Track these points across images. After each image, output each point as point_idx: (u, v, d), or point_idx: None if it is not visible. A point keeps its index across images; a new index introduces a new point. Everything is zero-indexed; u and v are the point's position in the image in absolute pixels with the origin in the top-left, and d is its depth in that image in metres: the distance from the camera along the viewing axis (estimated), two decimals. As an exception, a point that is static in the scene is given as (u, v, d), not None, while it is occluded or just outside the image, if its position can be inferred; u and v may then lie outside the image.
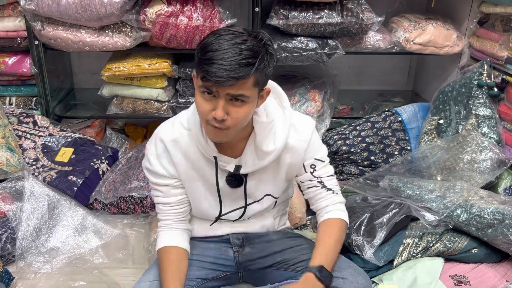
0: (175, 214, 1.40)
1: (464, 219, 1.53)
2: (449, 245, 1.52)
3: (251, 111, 1.19)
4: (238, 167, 1.32)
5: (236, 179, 1.35)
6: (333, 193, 1.41)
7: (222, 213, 1.43)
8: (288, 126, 1.31)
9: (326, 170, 1.41)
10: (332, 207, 1.40)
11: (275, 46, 2.07)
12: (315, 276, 1.26)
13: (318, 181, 1.40)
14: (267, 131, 1.29)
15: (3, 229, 1.70)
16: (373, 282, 1.49)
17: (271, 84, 1.32)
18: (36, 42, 2.10)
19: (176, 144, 1.33)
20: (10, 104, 2.24)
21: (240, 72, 1.08)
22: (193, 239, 1.50)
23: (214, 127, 1.17)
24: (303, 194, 1.46)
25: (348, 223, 1.41)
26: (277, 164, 1.36)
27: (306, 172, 1.38)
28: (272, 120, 1.29)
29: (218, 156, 1.31)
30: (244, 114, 1.16)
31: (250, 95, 1.14)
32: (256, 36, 1.14)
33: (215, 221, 1.46)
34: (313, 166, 1.39)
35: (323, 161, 1.40)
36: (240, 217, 1.45)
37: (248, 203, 1.42)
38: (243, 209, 1.43)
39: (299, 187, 1.48)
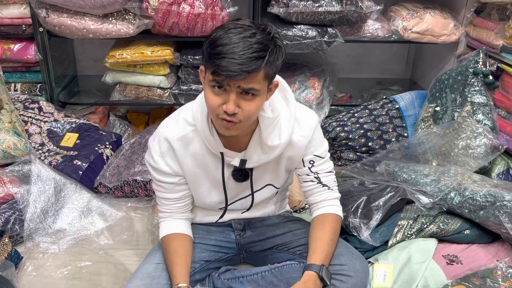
0: (177, 208, 1.42)
1: (457, 201, 1.58)
2: (442, 227, 1.57)
3: (262, 104, 1.20)
4: (243, 162, 1.33)
5: (242, 174, 1.36)
6: (329, 189, 1.43)
7: (229, 205, 1.46)
8: (293, 121, 1.32)
9: (325, 166, 1.42)
10: (327, 202, 1.42)
11: (276, 34, 2.10)
12: (317, 275, 1.28)
13: (314, 177, 1.41)
14: (273, 126, 1.30)
15: (12, 211, 1.75)
16: (369, 262, 1.54)
17: (280, 80, 1.33)
18: (41, 29, 2.13)
19: (182, 142, 1.33)
20: (15, 90, 2.28)
21: (251, 65, 1.08)
22: (194, 223, 1.55)
23: (225, 121, 1.17)
24: (301, 187, 1.49)
25: (342, 217, 1.44)
26: (280, 157, 1.37)
27: (304, 166, 1.40)
28: (278, 115, 1.30)
29: (225, 152, 1.32)
30: (255, 107, 1.16)
31: (260, 89, 1.14)
32: (264, 29, 1.14)
33: (222, 215, 1.49)
34: (311, 162, 1.40)
35: (323, 158, 1.41)
36: (248, 209, 1.49)
37: (254, 190, 1.44)
38: (250, 200, 1.45)
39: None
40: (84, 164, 1.98)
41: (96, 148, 2.08)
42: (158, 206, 1.46)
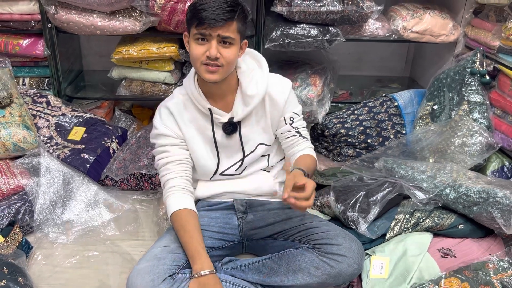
0: (183, 171, 1.56)
1: (452, 197, 1.64)
2: (437, 221, 1.63)
3: (237, 54, 1.46)
4: (231, 118, 1.56)
5: (231, 125, 1.57)
6: (307, 140, 1.69)
7: (221, 166, 1.61)
8: (267, 78, 1.57)
9: (302, 123, 1.69)
10: (308, 149, 1.67)
11: (278, 33, 2.15)
12: (301, 170, 1.46)
13: (296, 131, 1.66)
14: (250, 78, 1.56)
15: (22, 202, 1.81)
16: (367, 254, 1.60)
17: (251, 50, 1.64)
18: (50, 25, 2.18)
19: (177, 106, 1.58)
20: (24, 84, 2.33)
21: (227, 15, 1.38)
22: (200, 210, 1.62)
23: (208, 66, 1.42)
24: (281, 143, 1.70)
25: (315, 158, 1.69)
26: (262, 112, 1.60)
27: (286, 124, 1.64)
28: (252, 68, 1.58)
29: (212, 108, 1.54)
30: (233, 53, 1.43)
31: (235, 38, 1.42)
32: None
33: (215, 174, 1.63)
34: (291, 119, 1.64)
35: (299, 116, 1.67)
36: (239, 167, 1.63)
37: (245, 152, 1.61)
38: (241, 156, 1.62)
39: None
40: (91, 158, 2.04)
41: (103, 142, 2.13)
42: (163, 179, 1.56)
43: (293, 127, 1.64)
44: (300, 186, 1.33)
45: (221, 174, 1.63)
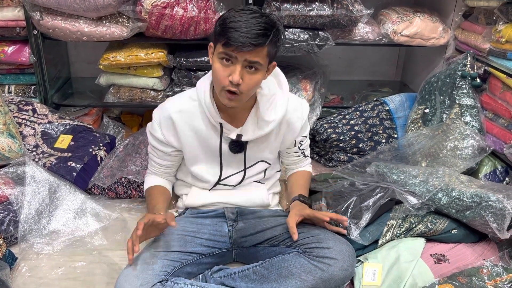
0: (163, 173, 1.67)
1: (445, 202, 1.62)
2: (430, 226, 1.61)
3: (261, 80, 1.37)
4: (239, 136, 1.48)
5: (238, 145, 1.51)
6: (307, 158, 1.76)
7: (222, 177, 1.59)
8: (286, 101, 1.50)
9: (308, 142, 1.71)
10: (306, 166, 1.76)
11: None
12: (300, 201, 1.57)
13: (301, 152, 1.70)
14: (269, 103, 1.48)
15: (6, 212, 1.76)
16: (359, 260, 1.57)
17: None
18: (35, 32, 2.14)
19: (182, 114, 1.50)
20: (9, 92, 2.29)
21: (258, 39, 1.26)
22: (189, 216, 1.59)
23: (229, 93, 1.34)
24: (282, 158, 1.75)
25: (311, 172, 1.79)
26: (275, 135, 1.55)
27: (295, 146, 1.65)
28: (274, 93, 1.49)
29: (223, 123, 1.48)
30: (256, 81, 1.34)
31: (263, 63, 1.32)
32: (269, 15, 1.33)
33: (215, 185, 1.61)
34: (301, 142, 1.66)
35: (307, 137, 1.69)
36: (240, 182, 1.61)
37: (247, 166, 1.59)
38: (242, 173, 1.60)
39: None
40: (78, 166, 2.00)
41: (90, 150, 2.09)
42: (148, 164, 1.69)
43: (300, 149, 1.68)
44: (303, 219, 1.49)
45: (219, 183, 1.63)
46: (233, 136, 1.50)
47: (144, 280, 1.33)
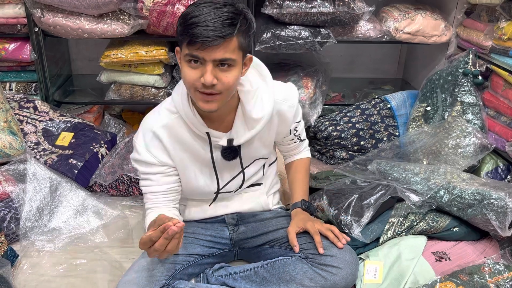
0: (165, 202, 1.41)
1: (446, 199, 1.61)
2: (432, 224, 1.60)
3: (239, 76, 1.23)
4: (230, 141, 1.37)
5: (232, 151, 1.39)
6: (304, 141, 1.65)
7: (221, 186, 1.49)
8: (273, 93, 1.37)
9: (302, 125, 1.59)
10: (303, 152, 1.65)
11: (269, 35, 2.13)
12: (302, 209, 1.52)
13: (297, 138, 1.59)
14: (254, 100, 1.34)
15: (7, 210, 1.76)
16: (360, 258, 1.57)
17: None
18: (36, 29, 2.14)
19: (167, 130, 1.35)
20: (10, 89, 2.29)
21: (224, 31, 1.12)
22: (189, 222, 1.58)
23: (204, 94, 1.20)
24: (279, 147, 1.66)
25: (311, 157, 1.70)
26: (268, 129, 1.44)
27: (290, 134, 1.55)
28: (257, 87, 1.35)
29: (210, 132, 1.34)
30: (233, 78, 1.19)
31: (235, 59, 1.18)
32: (232, 4, 1.19)
33: (216, 197, 1.52)
34: (296, 128, 1.55)
35: (301, 121, 1.57)
36: (240, 187, 1.53)
37: (244, 167, 1.49)
38: (241, 176, 1.50)
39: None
40: (79, 163, 2.00)
41: (91, 147, 2.09)
42: (145, 205, 1.43)
43: (296, 136, 1.58)
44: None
45: (219, 193, 1.52)
46: (224, 143, 1.36)
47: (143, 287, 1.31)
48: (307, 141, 1.68)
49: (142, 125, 1.39)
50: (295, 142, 1.61)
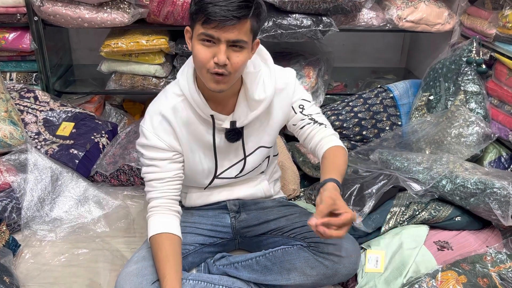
0: (169, 191, 1.40)
1: (448, 189, 1.60)
2: (434, 213, 1.60)
3: (248, 58, 1.26)
4: (233, 123, 1.38)
5: (235, 133, 1.41)
6: (326, 127, 1.47)
7: (219, 171, 1.48)
8: (274, 75, 1.39)
9: (314, 108, 1.49)
10: (329, 138, 1.44)
11: (270, 24, 2.11)
12: (336, 184, 1.26)
13: (309, 118, 1.46)
14: (257, 81, 1.37)
15: (9, 199, 1.76)
16: (362, 247, 1.57)
17: None
18: (36, 18, 2.12)
19: (175, 112, 1.37)
20: (11, 79, 2.28)
21: (241, 11, 1.15)
22: (189, 208, 1.57)
23: (216, 75, 1.22)
24: (298, 139, 1.52)
25: (345, 147, 1.46)
26: (269, 113, 1.43)
27: (296, 113, 1.46)
28: (259, 69, 1.38)
29: (214, 114, 1.36)
30: (243, 59, 1.23)
31: (247, 41, 1.21)
32: None
33: (212, 181, 1.51)
34: (301, 106, 1.47)
35: (310, 101, 1.48)
36: (240, 172, 1.50)
37: (247, 155, 1.48)
38: (242, 163, 1.49)
39: (291, 139, 1.58)
40: (80, 153, 1.99)
41: (92, 137, 2.09)
42: (148, 195, 1.41)
43: (305, 115, 1.46)
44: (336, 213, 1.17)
45: (217, 178, 1.51)
46: (227, 125, 1.38)
47: (143, 278, 1.30)
48: (331, 128, 1.49)
49: (149, 110, 1.41)
50: (308, 124, 1.46)
